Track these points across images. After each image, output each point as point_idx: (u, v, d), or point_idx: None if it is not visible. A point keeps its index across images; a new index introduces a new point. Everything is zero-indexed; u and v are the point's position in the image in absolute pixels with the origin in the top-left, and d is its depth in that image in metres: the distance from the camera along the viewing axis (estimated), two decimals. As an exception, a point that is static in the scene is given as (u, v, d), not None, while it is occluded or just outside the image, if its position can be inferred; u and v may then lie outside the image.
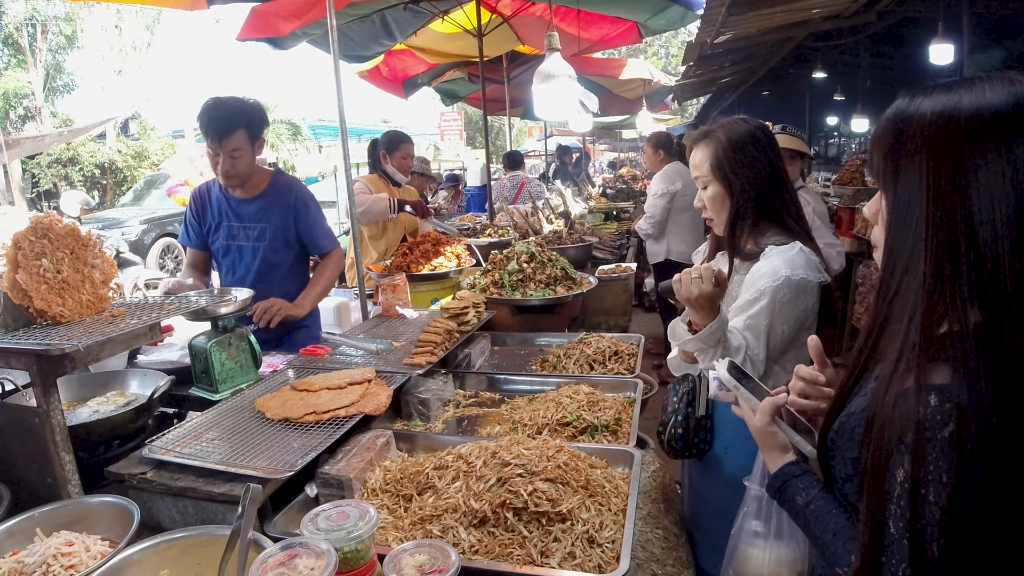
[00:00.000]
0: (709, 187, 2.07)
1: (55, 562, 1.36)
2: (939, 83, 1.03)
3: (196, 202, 3.24)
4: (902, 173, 1.03)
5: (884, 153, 1.06)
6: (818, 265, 1.95)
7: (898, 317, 1.02)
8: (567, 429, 2.07)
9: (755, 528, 1.50)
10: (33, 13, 22.71)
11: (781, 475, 1.26)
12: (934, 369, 0.94)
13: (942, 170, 0.97)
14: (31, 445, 1.65)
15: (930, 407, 0.92)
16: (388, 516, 1.62)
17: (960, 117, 0.97)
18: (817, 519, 1.16)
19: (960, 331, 0.93)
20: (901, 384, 0.96)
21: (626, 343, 2.78)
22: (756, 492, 1.51)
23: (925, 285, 0.97)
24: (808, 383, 1.36)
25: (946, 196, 0.97)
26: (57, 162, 21.31)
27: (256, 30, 4.84)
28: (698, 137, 2.10)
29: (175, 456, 1.70)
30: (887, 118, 1.06)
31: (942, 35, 6.37)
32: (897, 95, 1.06)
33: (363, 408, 1.95)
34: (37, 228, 1.81)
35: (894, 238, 1.05)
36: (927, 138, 0.99)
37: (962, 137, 0.96)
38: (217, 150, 2.96)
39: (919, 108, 1.01)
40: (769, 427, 1.31)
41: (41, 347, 1.60)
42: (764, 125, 2.09)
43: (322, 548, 1.15)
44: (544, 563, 1.41)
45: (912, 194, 1.01)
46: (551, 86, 3.31)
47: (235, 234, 3.17)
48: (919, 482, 0.91)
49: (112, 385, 2.24)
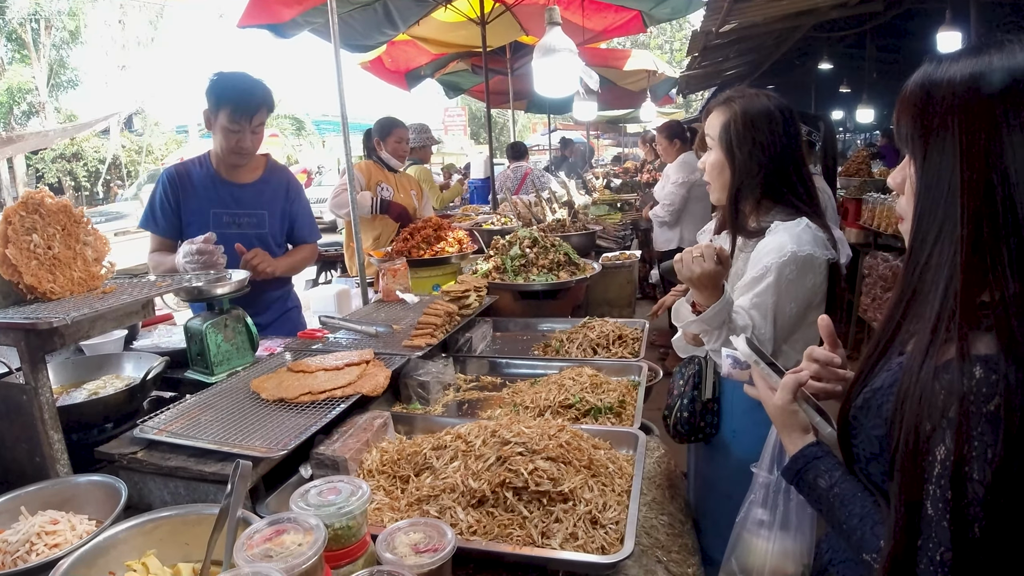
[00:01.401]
0: (712, 152, 2.02)
1: (39, 540, 1.31)
2: (966, 48, 0.99)
3: (173, 185, 2.93)
4: (933, 138, 0.99)
5: (913, 118, 1.02)
6: (825, 241, 1.89)
7: (931, 287, 0.97)
8: (570, 411, 2.01)
9: (760, 517, 1.45)
10: (36, 8, 22.74)
11: (802, 457, 1.20)
12: (977, 338, 0.90)
13: (976, 133, 0.93)
14: (19, 424, 1.61)
15: (975, 379, 0.87)
16: (384, 497, 1.57)
17: (993, 78, 0.93)
18: (842, 503, 1.10)
19: (1003, 298, 0.88)
20: (940, 356, 0.91)
21: (630, 327, 2.73)
22: (764, 479, 1.46)
23: (963, 250, 0.92)
24: (823, 365, 1.30)
25: (980, 159, 0.93)
26: (61, 157, 21.38)
27: (257, 16, 4.81)
28: (719, 101, 2.05)
29: (167, 436, 1.65)
30: (915, 82, 1.02)
31: (949, 23, 6.29)
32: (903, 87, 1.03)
33: (360, 388, 1.90)
34: (28, 203, 1.76)
35: (925, 204, 1.00)
36: (959, 101, 0.95)
37: (996, 98, 0.92)
38: (244, 125, 2.82)
39: (948, 72, 0.97)
40: (791, 405, 1.25)
41: (29, 321, 1.55)
42: (787, 106, 2.00)
43: (311, 523, 1.10)
44: (545, 544, 1.36)
45: (944, 159, 0.97)
46: (551, 60, 3.23)
47: (226, 222, 2.95)
48: (963, 460, 0.86)
49: (107, 368, 2.20)
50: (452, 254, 3.48)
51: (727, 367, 1.45)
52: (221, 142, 2.89)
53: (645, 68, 9.56)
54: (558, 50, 3.19)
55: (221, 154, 2.94)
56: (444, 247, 3.50)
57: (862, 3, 6.54)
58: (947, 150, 0.96)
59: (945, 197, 0.96)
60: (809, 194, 1.99)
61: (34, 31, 23.13)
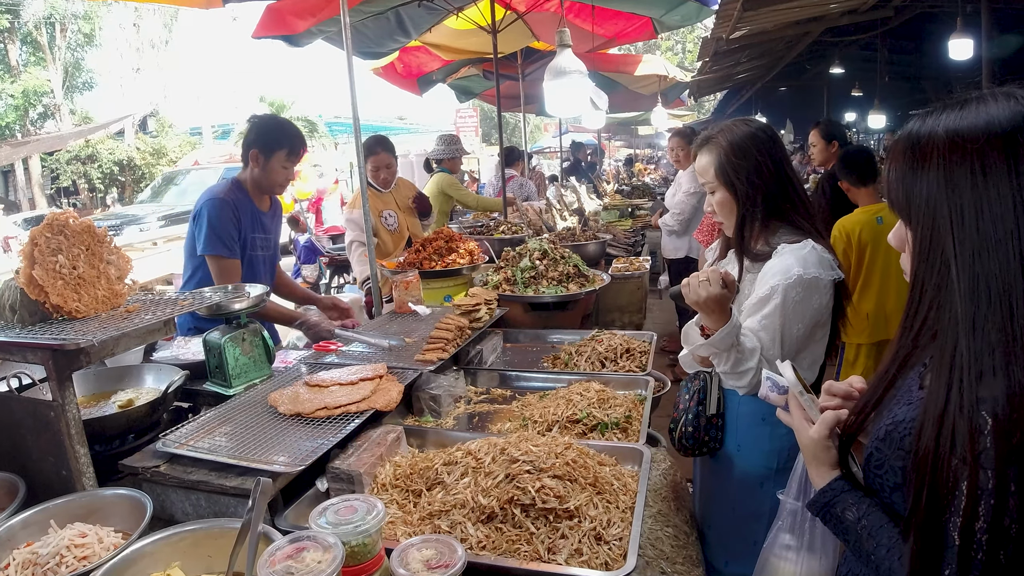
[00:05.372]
0: (716, 192, 2.07)
1: (68, 553, 1.38)
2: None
3: (234, 213, 3.10)
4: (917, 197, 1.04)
5: (901, 180, 1.07)
6: (831, 262, 1.94)
7: (946, 322, 1.02)
8: (577, 426, 2.07)
9: (787, 542, 1.49)
10: (52, 11, 22.95)
11: (830, 490, 1.23)
12: (987, 383, 0.94)
13: (958, 194, 0.99)
14: (46, 438, 1.68)
15: (994, 416, 0.92)
16: (397, 511, 1.63)
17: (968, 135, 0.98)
18: (870, 534, 1.14)
19: (1007, 342, 0.94)
20: (959, 398, 0.96)
21: (638, 340, 2.77)
22: (792, 506, 1.48)
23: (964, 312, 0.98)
24: (844, 399, 1.34)
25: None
26: (76, 159, 21.56)
27: (271, 28, 4.86)
28: (701, 143, 2.11)
29: (188, 450, 1.71)
30: (899, 148, 1.07)
31: (961, 29, 6.29)
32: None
33: (374, 404, 1.96)
34: (53, 225, 1.83)
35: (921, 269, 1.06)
36: (941, 159, 1.00)
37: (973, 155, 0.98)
38: (293, 163, 3.19)
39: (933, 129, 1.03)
40: (826, 441, 1.27)
41: (57, 342, 1.62)
42: (766, 125, 2.09)
43: (329, 542, 1.16)
44: (551, 559, 1.41)
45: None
46: (562, 82, 3.31)
47: (256, 246, 3.22)
48: (986, 492, 0.92)
49: (128, 380, 2.27)
50: (463, 265, 3.53)
51: (765, 389, 1.45)
52: (271, 176, 3.17)
53: (656, 73, 9.56)
54: (568, 72, 3.27)
55: (263, 185, 3.21)
56: (455, 259, 3.55)
57: (872, 10, 6.54)
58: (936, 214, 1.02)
59: (939, 265, 1.02)
60: (807, 209, 2.04)
61: (49, 34, 23.37)
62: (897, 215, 1.11)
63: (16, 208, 20.52)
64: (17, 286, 1.77)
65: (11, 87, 22.22)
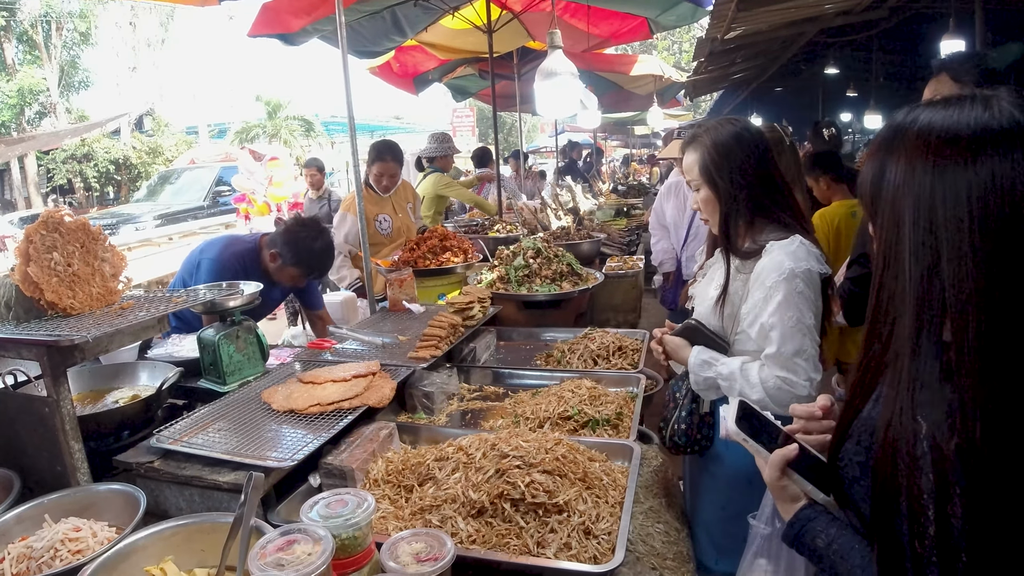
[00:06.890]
0: (700, 190, 2.09)
1: (62, 547, 1.39)
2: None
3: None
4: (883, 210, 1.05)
5: (871, 173, 1.08)
6: (819, 256, 1.95)
7: (897, 326, 1.03)
8: (568, 423, 2.08)
9: (765, 568, 1.49)
10: (48, 10, 22.91)
11: (797, 521, 1.23)
12: (927, 389, 0.96)
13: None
14: (41, 434, 1.70)
15: (941, 417, 0.93)
16: (389, 506, 1.65)
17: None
18: (842, 557, 1.14)
19: (961, 345, 0.94)
20: (902, 403, 0.98)
21: (631, 339, 2.79)
22: (763, 531, 1.49)
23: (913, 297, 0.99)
24: (808, 420, 1.35)
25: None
26: (72, 158, 21.50)
27: (267, 26, 4.87)
28: (687, 141, 2.13)
29: (182, 446, 1.73)
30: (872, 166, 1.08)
31: (954, 30, 6.31)
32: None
33: (367, 400, 1.97)
34: (48, 222, 1.85)
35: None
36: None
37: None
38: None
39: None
40: (779, 482, 1.27)
41: (51, 338, 1.63)
42: (751, 124, 2.11)
43: (320, 534, 1.18)
44: (540, 553, 1.43)
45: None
46: (553, 83, 3.33)
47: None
48: (938, 496, 0.92)
49: (123, 377, 2.28)
50: (457, 264, 3.54)
51: (723, 430, 1.43)
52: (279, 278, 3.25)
53: (652, 73, 9.57)
54: (559, 73, 3.29)
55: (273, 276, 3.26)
56: (450, 257, 3.57)
57: (866, 10, 6.56)
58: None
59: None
60: (792, 206, 2.06)
61: (45, 32, 23.31)
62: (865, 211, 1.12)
63: (12, 207, 20.48)
64: (12, 283, 1.79)
65: (7, 85, 22.17)
